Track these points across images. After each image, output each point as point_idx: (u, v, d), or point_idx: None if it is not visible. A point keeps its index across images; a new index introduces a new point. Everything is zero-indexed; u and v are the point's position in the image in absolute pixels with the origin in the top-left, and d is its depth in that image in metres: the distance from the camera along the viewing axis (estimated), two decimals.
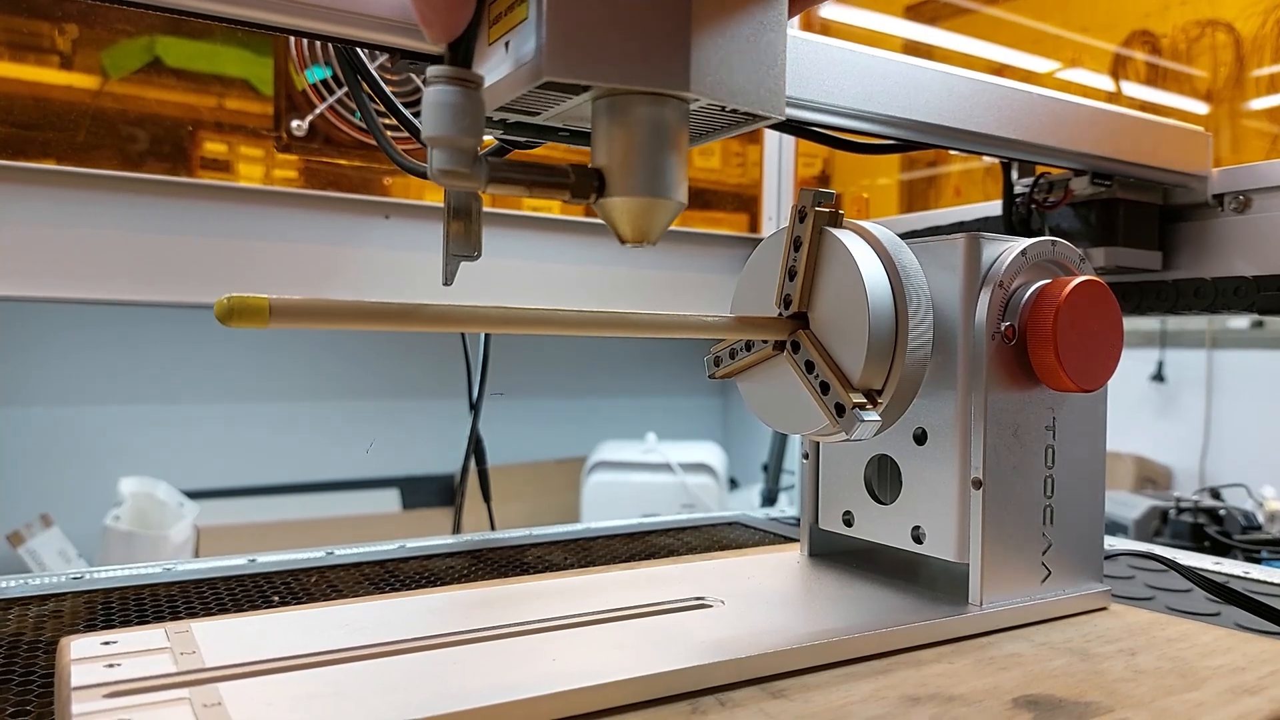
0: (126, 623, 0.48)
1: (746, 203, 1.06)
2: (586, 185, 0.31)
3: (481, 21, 0.31)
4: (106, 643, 0.35)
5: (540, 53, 0.28)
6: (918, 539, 0.44)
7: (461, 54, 0.29)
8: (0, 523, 1.93)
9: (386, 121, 0.57)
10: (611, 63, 0.28)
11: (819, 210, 0.41)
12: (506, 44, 0.30)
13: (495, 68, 0.30)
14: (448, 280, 0.34)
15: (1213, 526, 1.32)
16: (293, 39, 0.76)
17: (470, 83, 0.28)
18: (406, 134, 0.57)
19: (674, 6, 0.29)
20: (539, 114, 0.33)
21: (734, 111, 0.32)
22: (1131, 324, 0.56)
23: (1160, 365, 2.36)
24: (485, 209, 0.82)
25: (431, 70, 0.28)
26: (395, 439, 2.54)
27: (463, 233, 0.34)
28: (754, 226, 1.04)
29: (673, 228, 0.31)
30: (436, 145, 0.29)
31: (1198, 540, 1.31)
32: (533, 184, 0.31)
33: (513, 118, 0.35)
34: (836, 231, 0.41)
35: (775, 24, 0.32)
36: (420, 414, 2.48)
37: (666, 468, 2.31)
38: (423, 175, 0.57)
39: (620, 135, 0.31)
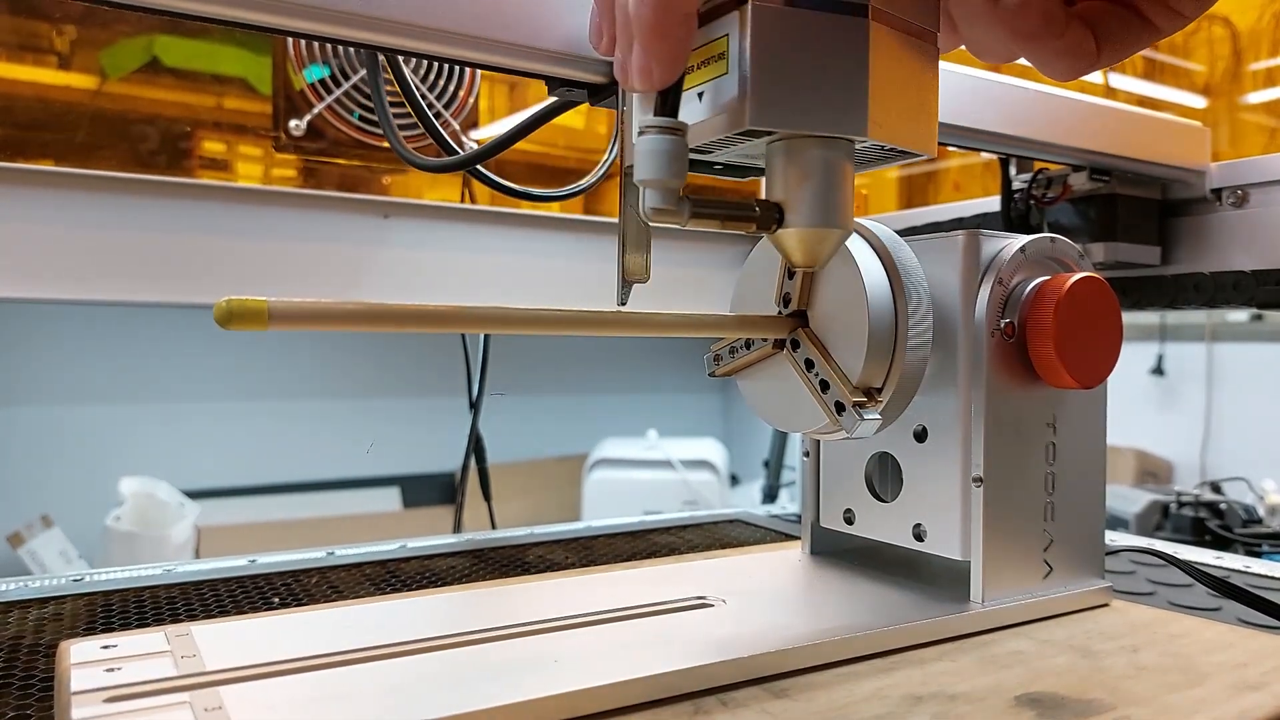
0: (127, 625, 0.48)
1: (746, 199, 1.06)
2: (769, 218, 0.35)
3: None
4: (106, 646, 0.35)
5: (745, 104, 0.32)
6: (919, 536, 0.44)
7: (671, 105, 0.32)
8: (0, 524, 1.93)
9: (371, 117, 0.57)
10: (801, 112, 0.32)
11: None
12: (700, 94, 0.34)
13: (685, 115, 0.34)
14: (622, 302, 0.39)
15: (1214, 520, 1.32)
16: (290, 38, 0.76)
17: (678, 131, 0.32)
18: (422, 131, 0.57)
19: (854, 62, 0.32)
20: (711, 151, 0.37)
21: (892, 149, 0.35)
22: (1131, 317, 0.56)
23: (1160, 359, 2.36)
24: (482, 206, 0.82)
25: (644, 120, 0.32)
26: (396, 437, 2.54)
27: (638, 263, 0.38)
28: None
29: (672, 225, 0.33)
30: (650, 187, 0.32)
31: (1199, 534, 1.31)
32: (725, 218, 0.35)
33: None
34: None
35: (932, 73, 0.35)
36: (421, 412, 2.48)
37: (668, 464, 2.31)
38: (428, 169, 0.58)
39: (796, 173, 0.34)
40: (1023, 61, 0.35)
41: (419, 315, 0.32)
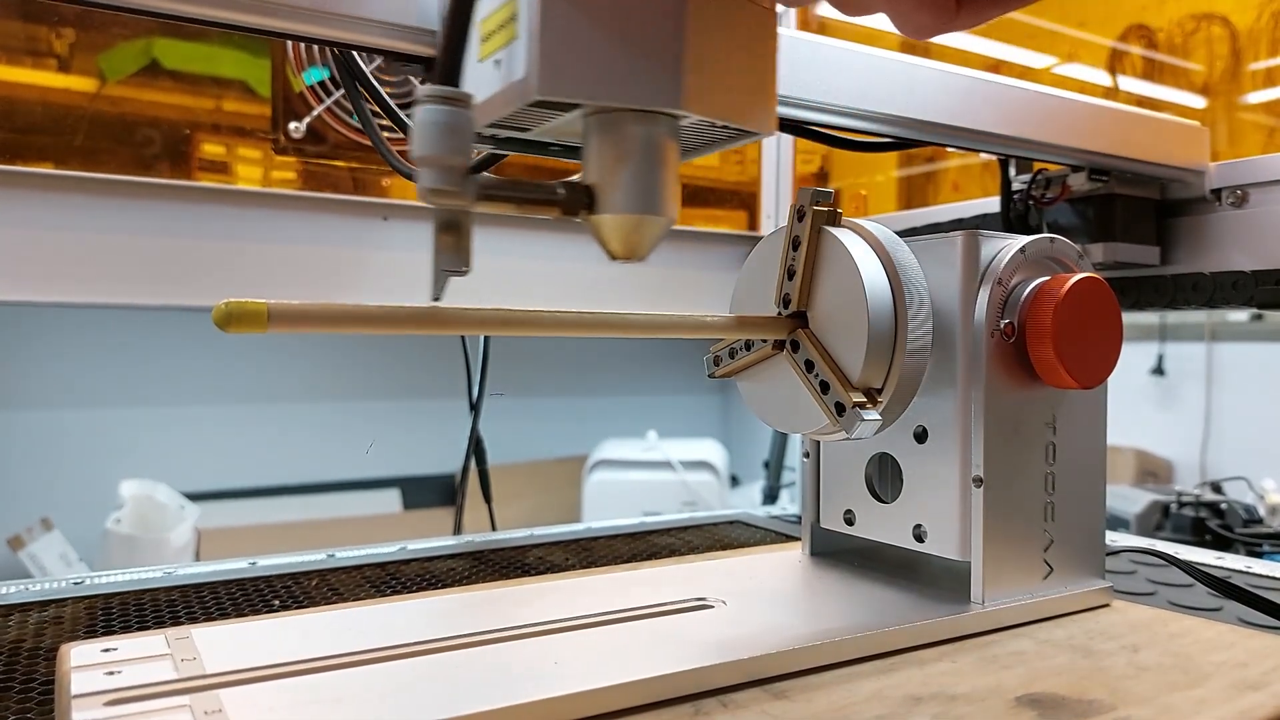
0: (127, 628, 0.48)
1: (745, 200, 1.06)
2: (576, 202, 0.31)
3: (470, 39, 0.31)
4: (107, 649, 0.35)
5: (531, 71, 0.28)
6: (919, 537, 0.44)
7: (449, 72, 0.29)
8: (1, 526, 1.93)
9: (382, 123, 0.57)
10: (603, 81, 0.28)
11: (817, 209, 0.41)
12: (497, 61, 0.30)
13: (485, 85, 0.30)
14: (437, 295, 0.34)
15: (1214, 520, 1.32)
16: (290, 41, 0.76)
17: (458, 101, 0.28)
18: (403, 136, 0.57)
19: (667, 24, 0.28)
20: (530, 130, 0.33)
21: (725, 127, 0.32)
22: (1131, 317, 0.56)
23: (1160, 358, 2.36)
24: (482, 208, 0.82)
25: (421, 90, 0.28)
26: (396, 439, 2.54)
27: (453, 247, 0.33)
28: (753, 224, 1.04)
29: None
30: (425, 164, 0.29)
31: (1199, 534, 1.31)
32: (522, 201, 0.31)
33: (504, 133, 0.35)
34: (835, 230, 0.41)
35: (766, 40, 0.31)
36: (420, 414, 2.48)
37: (667, 465, 2.30)
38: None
39: (610, 152, 0.31)
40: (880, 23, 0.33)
41: (418, 317, 0.32)
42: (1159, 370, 2.36)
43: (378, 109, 0.51)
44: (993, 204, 0.80)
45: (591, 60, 0.28)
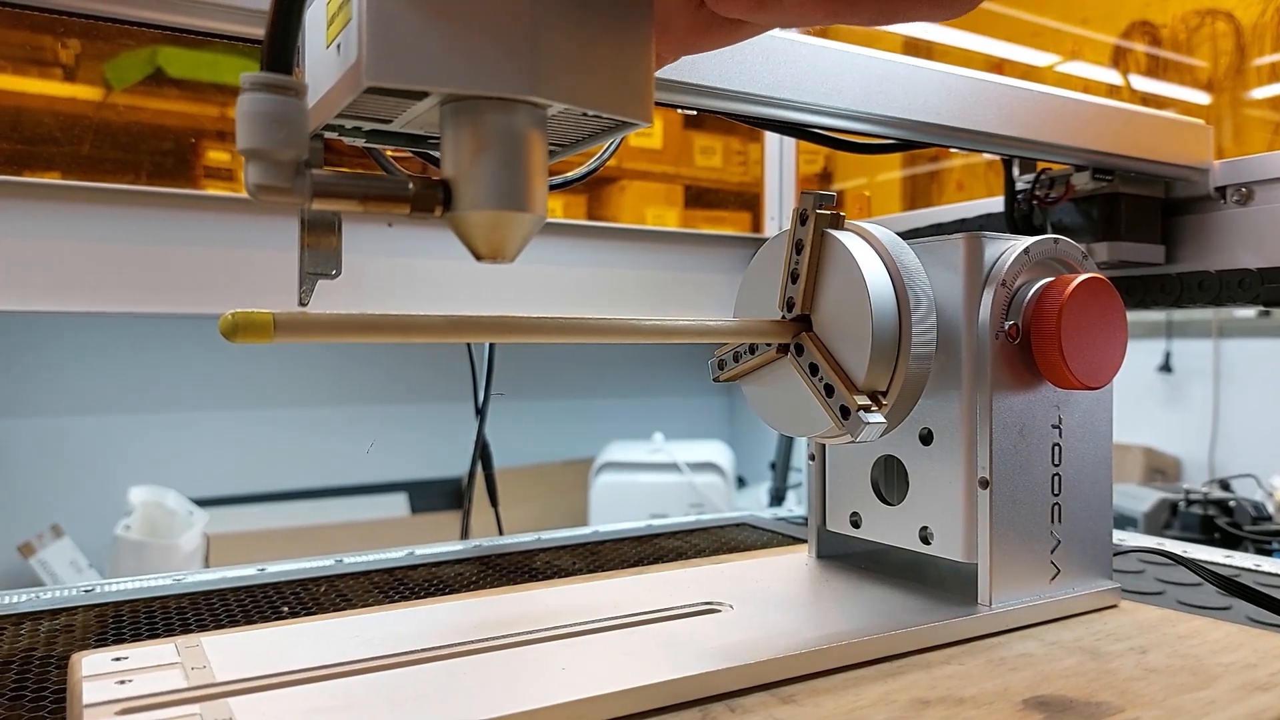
0: (137, 636, 0.48)
1: (749, 201, 1.06)
2: (430, 198, 0.29)
3: (302, 24, 0.28)
4: (118, 658, 0.36)
5: (361, 56, 0.25)
6: (925, 540, 0.44)
7: (279, 57, 0.26)
8: (11, 534, 1.94)
9: None
10: (443, 65, 0.26)
11: (820, 213, 0.41)
12: (338, 47, 0.27)
13: (330, 73, 0.28)
14: (303, 301, 0.32)
15: (1223, 518, 1.31)
16: None
17: (288, 89, 0.26)
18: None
19: (517, 2, 0.26)
20: (390, 121, 0.31)
21: (598, 117, 0.29)
22: (1137, 314, 0.56)
23: (1167, 355, 2.35)
24: None
25: (245, 76, 0.26)
26: (402, 443, 2.55)
27: (320, 247, 0.32)
28: (757, 226, 1.04)
29: (675, 229, 0.31)
30: (251, 158, 0.26)
31: (1208, 532, 1.30)
32: (366, 198, 0.29)
33: (367, 125, 0.33)
34: (838, 234, 0.41)
35: (637, 21, 0.29)
36: (427, 417, 2.48)
37: (674, 468, 2.30)
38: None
39: (467, 144, 0.28)
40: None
41: (423, 326, 0.32)
42: (1166, 367, 2.35)
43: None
44: (997, 204, 0.80)
45: (429, 42, 0.25)
